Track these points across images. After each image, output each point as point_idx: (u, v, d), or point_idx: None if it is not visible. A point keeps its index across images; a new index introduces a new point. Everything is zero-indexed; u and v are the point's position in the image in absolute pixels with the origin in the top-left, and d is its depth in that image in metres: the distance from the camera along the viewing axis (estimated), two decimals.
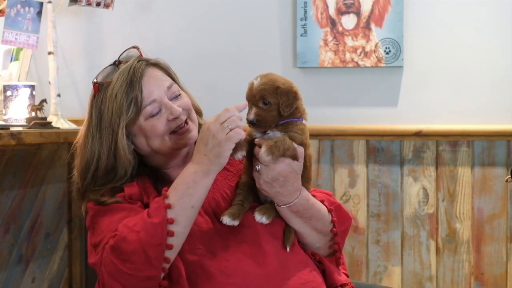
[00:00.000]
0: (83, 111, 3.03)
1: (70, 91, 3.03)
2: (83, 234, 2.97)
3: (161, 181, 1.76)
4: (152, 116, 1.73)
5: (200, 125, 1.84)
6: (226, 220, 1.65)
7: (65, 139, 2.49)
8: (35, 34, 2.71)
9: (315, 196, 1.77)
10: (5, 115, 2.58)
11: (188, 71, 2.73)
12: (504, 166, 2.76)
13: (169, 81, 1.79)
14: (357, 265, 2.85)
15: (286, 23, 2.91)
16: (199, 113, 1.89)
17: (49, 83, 2.76)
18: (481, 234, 2.79)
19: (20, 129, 2.36)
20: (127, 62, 1.77)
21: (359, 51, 2.84)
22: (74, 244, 2.96)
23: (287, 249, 1.70)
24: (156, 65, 1.80)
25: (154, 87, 1.74)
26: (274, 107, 1.62)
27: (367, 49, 2.83)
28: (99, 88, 1.75)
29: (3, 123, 2.55)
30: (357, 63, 2.84)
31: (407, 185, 2.83)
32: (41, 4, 2.73)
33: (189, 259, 1.64)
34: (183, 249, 1.63)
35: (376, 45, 2.83)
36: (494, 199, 2.78)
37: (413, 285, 2.82)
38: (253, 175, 1.66)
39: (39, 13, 2.72)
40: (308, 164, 1.71)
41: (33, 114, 2.54)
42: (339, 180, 2.86)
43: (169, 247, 1.56)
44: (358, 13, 2.83)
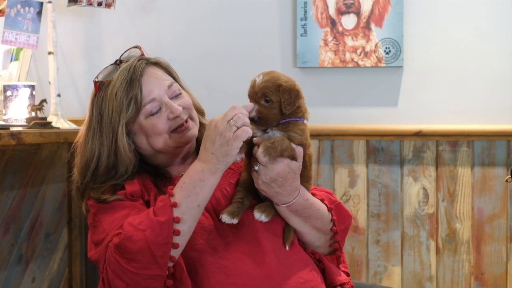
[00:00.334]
0: (83, 111, 3.05)
1: (70, 91, 3.03)
2: (83, 234, 2.97)
3: (161, 178, 1.76)
4: (152, 114, 1.73)
5: (201, 124, 1.84)
6: (225, 218, 1.65)
7: (65, 139, 2.49)
8: (35, 34, 2.71)
9: (315, 194, 1.77)
10: (5, 115, 2.58)
11: (188, 71, 2.72)
12: (504, 166, 2.76)
13: (169, 80, 1.79)
14: (357, 265, 2.85)
15: (286, 23, 2.91)
16: (201, 113, 1.89)
17: (49, 83, 2.76)
18: (481, 234, 2.79)
19: (20, 129, 2.36)
20: (128, 61, 1.77)
21: (359, 51, 2.84)
22: (74, 244, 2.96)
23: (287, 248, 1.70)
24: (156, 64, 1.81)
25: (154, 85, 1.75)
26: (276, 104, 1.62)
27: (367, 49, 2.83)
28: (100, 86, 1.76)
29: (3, 123, 2.55)
30: (357, 63, 2.84)
31: (407, 185, 2.83)
32: (41, 4, 2.73)
33: (189, 255, 1.64)
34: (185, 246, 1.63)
35: (376, 45, 2.83)
36: (494, 199, 2.78)
37: (413, 285, 2.82)
38: (252, 175, 1.65)
39: (39, 13, 2.72)
40: (307, 163, 1.70)
41: (33, 114, 2.54)
42: (339, 180, 2.86)
43: (175, 246, 1.56)
44: (358, 13, 2.84)
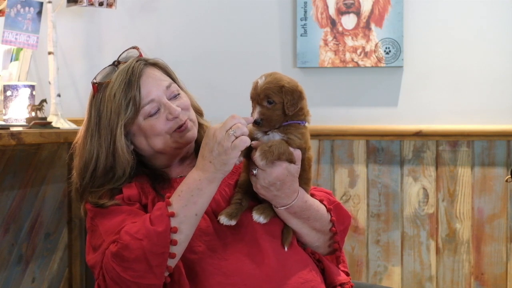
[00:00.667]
0: (83, 111, 3.03)
1: (70, 91, 3.03)
2: (83, 234, 2.97)
3: (159, 180, 1.75)
4: (151, 115, 1.73)
5: (200, 125, 1.84)
6: (223, 220, 1.65)
7: (65, 139, 2.49)
8: (35, 34, 2.71)
9: (314, 195, 1.77)
10: (5, 115, 2.58)
11: (188, 71, 2.73)
12: (504, 166, 2.76)
13: (168, 80, 1.79)
14: (357, 265, 2.85)
15: (286, 23, 2.91)
16: (200, 113, 1.88)
17: (49, 83, 2.76)
18: (481, 234, 2.79)
19: (20, 129, 2.36)
20: (126, 62, 1.76)
21: (359, 51, 2.84)
22: (74, 244, 2.96)
23: (285, 249, 1.70)
24: (155, 65, 1.80)
25: (152, 86, 1.74)
26: (279, 106, 1.61)
27: (367, 49, 2.83)
28: (98, 88, 1.75)
29: (3, 123, 2.55)
30: (357, 63, 2.84)
31: (407, 185, 2.83)
32: (41, 4, 2.73)
33: (188, 257, 1.64)
34: None
35: (376, 45, 2.83)
36: (494, 199, 2.78)
37: (413, 285, 2.82)
38: (250, 178, 1.65)
39: (39, 13, 2.72)
40: (307, 166, 1.70)
41: (33, 114, 2.54)
42: (339, 180, 2.86)
43: (172, 256, 1.56)
44: (358, 13, 2.84)
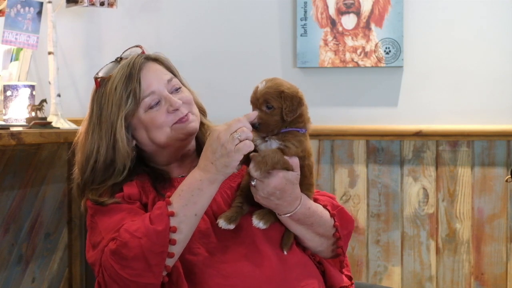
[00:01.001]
0: (83, 111, 3.03)
1: (70, 91, 3.03)
2: (83, 234, 2.97)
3: (160, 179, 1.75)
4: (151, 107, 1.73)
5: (202, 124, 1.84)
6: (222, 223, 1.64)
7: (65, 139, 2.49)
8: (35, 34, 2.71)
9: (317, 200, 1.76)
10: (5, 115, 2.58)
11: (188, 71, 2.72)
12: (504, 166, 2.76)
13: (169, 75, 1.80)
14: (357, 265, 2.85)
15: (286, 23, 2.91)
16: (203, 112, 1.88)
17: (49, 83, 2.76)
18: (481, 234, 2.79)
19: (20, 129, 2.36)
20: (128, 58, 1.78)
21: (359, 51, 2.84)
22: (74, 244, 2.96)
23: (285, 252, 1.69)
24: (156, 60, 1.81)
25: (153, 79, 1.75)
26: (277, 111, 1.60)
27: (367, 49, 2.83)
28: (100, 83, 1.76)
29: (3, 123, 2.55)
30: (357, 63, 2.84)
31: (407, 185, 2.83)
32: (41, 4, 2.73)
33: (187, 259, 1.64)
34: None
35: (376, 45, 2.83)
36: (494, 199, 2.78)
37: (413, 285, 2.82)
38: (251, 189, 1.64)
39: (39, 13, 2.72)
40: (307, 173, 1.68)
41: (33, 114, 2.54)
42: (339, 180, 2.86)
43: (170, 255, 1.56)
44: (358, 13, 2.84)
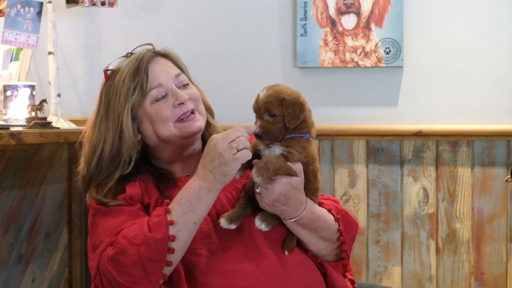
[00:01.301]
0: (83, 111, 3.05)
1: (70, 91, 3.03)
2: (83, 234, 2.97)
3: (164, 180, 1.75)
4: (157, 100, 1.74)
5: (209, 124, 1.84)
6: (223, 223, 1.64)
7: (65, 139, 2.49)
8: (35, 34, 2.71)
9: (322, 204, 1.76)
10: (5, 115, 2.58)
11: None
12: (504, 166, 2.76)
13: (178, 70, 1.81)
14: (357, 265, 2.85)
15: (286, 23, 2.91)
16: (210, 112, 1.88)
17: (49, 83, 2.76)
18: (481, 234, 2.79)
19: (20, 129, 2.36)
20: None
21: (359, 51, 2.84)
22: (74, 244, 2.96)
23: (286, 253, 1.69)
24: (166, 56, 1.82)
25: (161, 72, 1.76)
26: (279, 119, 1.59)
27: (367, 49, 2.83)
28: (110, 75, 1.77)
29: (3, 123, 2.55)
30: (357, 63, 2.84)
31: (407, 185, 2.83)
32: (41, 4, 2.73)
33: (189, 259, 1.64)
34: None
35: (376, 45, 2.83)
36: (494, 199, 2.78)
37: (413, 285, 2.82)
38: (256, 197, 1.64)
39: (39, 13, 2.72)
40: (312, 178, 1.68)
41: (33, 114, 2.54)
42: (339, 180, 2.86)
43: (168, 264, 1.57)
44: (358, 13, 2.84)
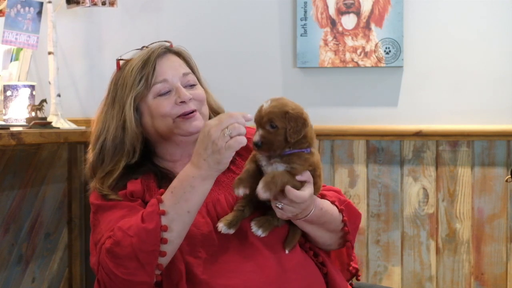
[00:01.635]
0: (83, 111, 3.05)
1: (70, 91, 3.03)
2: (83, 234, 2.97)
3: (166, 180, 1.74)
4: (160, 95, 1.74)
5: None
6: (221, 227, 1.63)
7: (65, 139, 2.49)
8: (35, 34, 2.71)
9: (325, 195, 1.77)
10: (5, 115, 2.58)
11: None
12: (504, 166, 2.76)
13: (187, 69, 1.80)
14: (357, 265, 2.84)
15: (286, 23, 2.91)
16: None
17: (49, 83, 2.76)
18: (481, 234, 2.79)
19: (20, 129, 2.36)
20: None
21: (359, 51, 2.84)
22: (74, 244, 2.96)
23: (286, 251, 1.69)
24: (178, 54, 1.83)
25: (168, 68, 1.76)
26: (281, 131, 1.58)
27: (367, 49, 2.83)
28: (122, 65, 1.79)
29: (3, 123, 2.55)
30: (357, 63, 2.84)
31: (407, 185, 2.83)
32: (41, 4, 2.73)
33: (189, 261, 1.63)
34: (184, 250, 1.63)
35: (376, 45, 2.83)
36: (494, 199, 2.78)
37: (413, 285, 2.82)
38: (275, 210, 1.63)
39: (39, 13, 2.72)
40: (318, 180, 1.68)
41: (33, 114, 2.54)
42: (339, 180, 2.86)
43: (162, 254, 1.55)
44: (358, 13, 2.84)
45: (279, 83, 2.91)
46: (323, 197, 1.76)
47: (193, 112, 1.75)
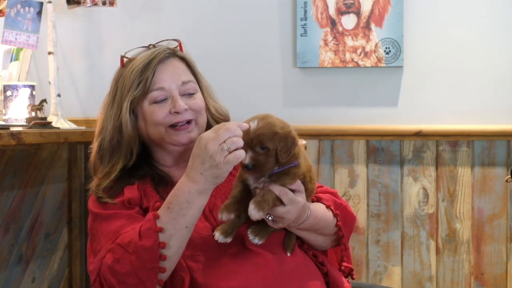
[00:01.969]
0: (83, 111, 3.05)
1: (70, 91, 3.03)
2: (83, 234, 2.97)
3: (163, 183, 1.74)
4: (155, 102, 1.73)
5: None
6: (218, 237, 1.61)
7: (65, 139, 2.49)
8: (35, 34, 2.71)
9: (321, 199, 1.76)
10: (5, 115, 2.58)
11: None
12: (504, 166, 2.76)
13: (188, 77, 1.78)
14: (357, 265, 2.85)
15: (286, 23, 2.91)
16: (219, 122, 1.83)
17: (49, 83, 2.76)
18: (481, 234, 2.79)
19: (20, 129, 2.36)
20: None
21: (359, 51, 2.84)
22: (74, 244, 2.96)
23: (288, 254, 1.69)
24: (182, 59, 1.80)
25: (168, 76, 1.74)
26: (272, 152, 1.53)
27: (367, 49, 2.83)
28: (125, 63, 1.77)
29: (3, 123, 2.55)
30: (357, 63, 2.84)
31: (407, 185, 2.83)
32: (41, 4, 2.73)
33: (189, 265, 1.63)
34: (184, 255, 1.62)
35: (376, 45, 2.83)
36: (494, 199, 2.78)
37: (413, 285, 2.82)
38: (265, 220, 1.62)
39: (39, 13, 2.72)
40: (309, 185, 1.66)
41: (33, 114, 2.54)
42: (339, 180, 2.86)
43: (162, 271, 1.55)
44: (358, 13, 2.84)
45: (279, 83, 2.91)
46: (319, 200, 1.76)
47: (187, 123, 1.73)
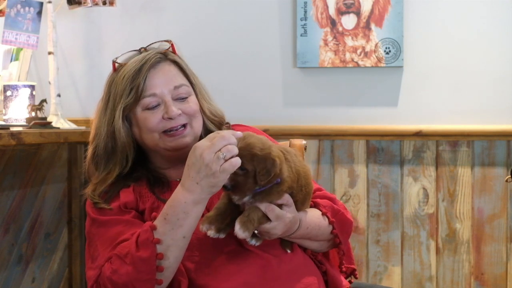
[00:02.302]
0: (83, 111, 3.05)
1: (70, 91, 3.03)
2: (83, 234, 2.97)
3: (159, 184, 1.73)
4: (148, 108, 1.71)
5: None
6: (210, 233, 1.58)
7: (65, 139, 2.49)
8: (35, 34, 2.71)
9: (318, 205, 1.74)
10: (5, 115, 2.58)
11: None
12: (504, 166, 2.76)
13: (180, 81, 1.75)
14: (357, 265, 2.84)
15: (286, 23, 2.91)
16: (217, 125, 1.82)
17: (49, 83, 2.76)
18: (481, 234, 2.79)
19: (20, 129, 2.36)
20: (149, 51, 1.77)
21: (359, 51, 2.84)
22: (74, 244, 2.96)
23: (288, 251, 1.68)
24: (174, 62, 1.77)
25: (160, 81, 1.72)
26: (251, 173, 1.51)
27: (367, 49, 2.83)
28: (117, 68, 1.76)
29: (3, 123, 2.55)
30: (357, 63, 2.84)
31: (407, 185, 2.83)
32: (41, 4, 2.73)
33: (186, 266, 1.63)
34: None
35: (376, 45, 2.83)
36: (494, 199, 2.78)
37: (413, 285, 2.82)
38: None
39: (39, 13, 2.72)
40: (302, 194, 1.63)
41: (33, 114, 2.54)
42: (339, 180, 2.86)
43: (159, 282, 1.55)
44: (358, 13, 2.84)
45: (279, 83, 2.91)
46: (316, 205, 1.74)
47: (181, 127, 1.72)
